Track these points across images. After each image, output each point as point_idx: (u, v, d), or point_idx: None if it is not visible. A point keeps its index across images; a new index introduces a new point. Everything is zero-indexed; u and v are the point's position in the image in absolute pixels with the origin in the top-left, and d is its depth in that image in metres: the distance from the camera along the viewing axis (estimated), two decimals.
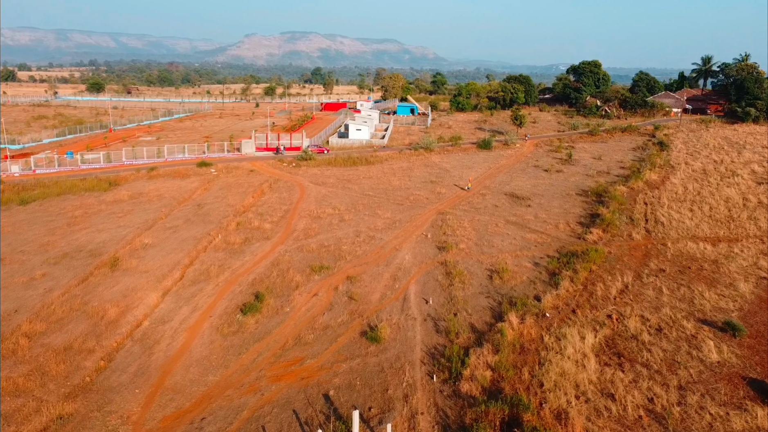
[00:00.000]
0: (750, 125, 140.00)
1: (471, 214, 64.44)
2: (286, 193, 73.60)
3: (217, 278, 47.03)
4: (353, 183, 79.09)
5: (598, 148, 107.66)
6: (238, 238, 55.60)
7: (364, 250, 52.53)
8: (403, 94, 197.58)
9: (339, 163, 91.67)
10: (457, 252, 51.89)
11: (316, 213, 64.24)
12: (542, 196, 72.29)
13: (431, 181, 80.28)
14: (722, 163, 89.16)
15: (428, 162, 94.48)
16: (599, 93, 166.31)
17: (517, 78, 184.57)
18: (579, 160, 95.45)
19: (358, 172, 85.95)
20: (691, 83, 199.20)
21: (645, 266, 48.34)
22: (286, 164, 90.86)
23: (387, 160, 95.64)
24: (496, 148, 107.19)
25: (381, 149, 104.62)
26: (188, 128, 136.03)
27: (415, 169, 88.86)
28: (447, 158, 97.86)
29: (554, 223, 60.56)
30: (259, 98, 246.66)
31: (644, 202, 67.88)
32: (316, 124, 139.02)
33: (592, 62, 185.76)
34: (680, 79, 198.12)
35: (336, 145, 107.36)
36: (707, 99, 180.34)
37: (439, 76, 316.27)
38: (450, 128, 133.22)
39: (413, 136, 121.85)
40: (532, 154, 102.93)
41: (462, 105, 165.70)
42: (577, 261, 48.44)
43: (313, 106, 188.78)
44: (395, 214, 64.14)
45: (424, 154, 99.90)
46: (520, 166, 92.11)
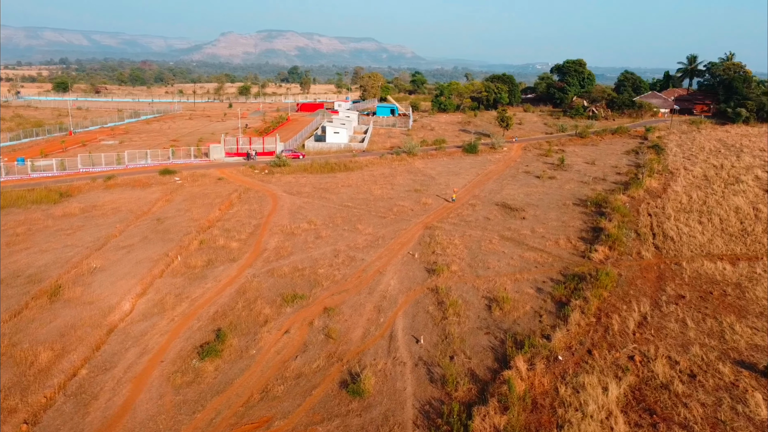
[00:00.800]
0: (741, 126, 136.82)
1: (461, 228, 58.71)
2: (257, 204, 67.20)
3: (172, 311, 40.63)
4: (331, 192, 72.96)
5: (590, 152, 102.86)
6: (200, 260, 49.18)
7: (343, 274, 46.47)
8: (383, 94, 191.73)
9: (315, 170, 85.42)
10: (449, 275, 46.07)
11: (290, 228, 58.00)
12: (537, 206, 66.85)
13: (416, 189, 74.45)
14: (723, 168, 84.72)
15: (411, 168, 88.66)
16: (585, 93, 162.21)
17: (500, 77, 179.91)
18: (572, 165, 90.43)
19: (337, 180, 79.82)
20: (675, 83, 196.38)
21: (661, 291, 42.99)
22: (258, 171, 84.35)
23: (367, 165, 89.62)
24: (483, 152, 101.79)
25: (361, 154, 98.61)
26: (155, 131, 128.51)
27: (397, 176, 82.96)
28: (431, 164, 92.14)
29: (554, 239, 55.06)
30: (233, 98, 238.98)
31: (648, 213, 62.80)
32: (292, 126, 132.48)
33: (577, 61, 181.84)
34: (665, 79, 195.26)
35: (312, 149, 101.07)
36: (693, 99, 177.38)
37: (418, 75, 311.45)
38: (433, 130, 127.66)
39: (394, 138, 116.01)
40: (521, 158, 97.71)
41: (444, 105, 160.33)
42: (586, 286, 42.93)
43: (289, 107, 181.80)
44: (378, 229, 58.17)
45: (406, 159, 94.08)
46: (510, 172, 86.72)
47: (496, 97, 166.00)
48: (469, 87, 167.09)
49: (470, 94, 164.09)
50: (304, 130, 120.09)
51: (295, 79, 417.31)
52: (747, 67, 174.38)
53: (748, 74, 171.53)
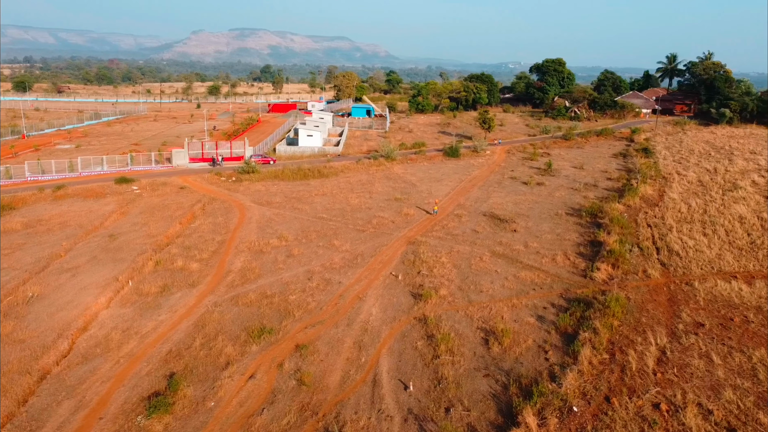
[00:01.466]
0: (725, 127, 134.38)
1: (448, 242, 53.66)
2: (222, 217, 61.36)
3: (118, 351, 34.86)
4: (304, 202, 67.40)
5: (577, 155, 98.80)
6: (154, 286, 43.36)
7: (318, 301, 41.05)
8: (358, 94, 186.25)
9: (287, 177, 79.70)
10: (438, 301, 40.95)
11: (258, 245, 52.36)
12: (528, 217, 62.12)
13: (396, 198, 69.26)
14: (717, 172, 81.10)
15: (390, 174, 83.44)
16: (566, 93, 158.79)
17: (479, 77, 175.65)
18: (560, 170, 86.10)
19: (310, 188, 74.25)
20: (653, 83, 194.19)
21: (677, 318, 38.40)
22: (225, 179, 78.31)
23: (343, 171, 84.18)
24: (465, 155, 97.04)
25: (336, 158, 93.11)
26: (116, 134, 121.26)
27: (376, 183, 77.67)
28: (411, 169, 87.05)
29: (550, 255, 50.28)
30: (202, 98, 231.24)
31: (647, 224, 58.48)
32: (262, 128, 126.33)
33: (556, 60, 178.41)
34: (645, 79, 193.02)
35: (284, 153, 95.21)
36: (674, 99, 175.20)
37: (393, 75, 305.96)
38: (411, 132, 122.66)
39: (371, 141, 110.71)
40: (505, 162, 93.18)
41: (422, 106, 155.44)
42: (594, 314, 38.11)
43: (260, 107, 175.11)
44: (356, 245, 52.83)
45: (385, 164, 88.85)
46: (495, 177, 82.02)
47: (475, 98, 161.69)
48: (447, 87, 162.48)
49: (448, 94, 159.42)
50: (276, 132, 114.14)
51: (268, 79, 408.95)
52: (727, 67, 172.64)
53: (728, 74, 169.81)
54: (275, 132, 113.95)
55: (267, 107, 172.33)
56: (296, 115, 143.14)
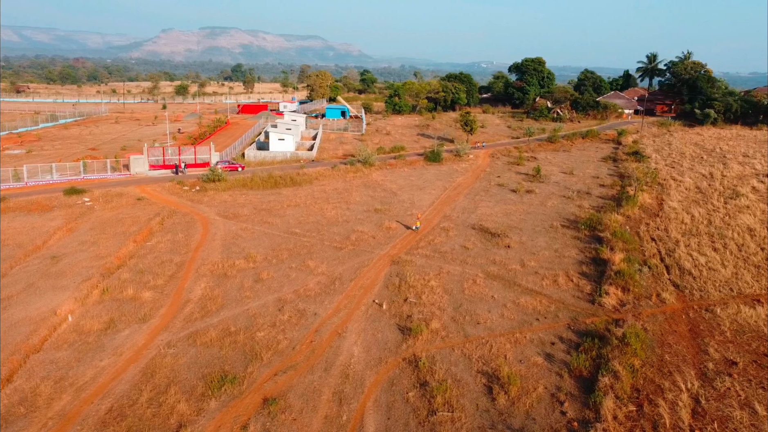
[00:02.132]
0: (711, 128, 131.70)
1: (436, 261, 48.36)
2: (183, 233, 55.23)
3: (47, 409, 28.88)
4: (275, 214, 61.54)
5: (564, 160, 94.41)
6: (98, 321, 37.30)
7: (290, 339, 35.38)
8: (332, 94, 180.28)
9: (257, 185, 73.66)
10: (430, 337, 35.59)
11: (222, 267, 46.45)
12: (521, 230, 57.14)
13: (376, 209, 63.78)
14: (714, 178, 77.28)
15: (369, 181, 77.91)
16: (548, 93, 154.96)
17: (457, 76, 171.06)
18: (548, 175, 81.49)
19: (282, 198, 68.38)
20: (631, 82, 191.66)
21: (704, 354, 33.61)
22: (188, 188, 72.00)
23: (318, 178, 78.41)
24: (447, 160, 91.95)
25: (309, 164, 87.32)
26: (73, 137, 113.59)
27: (353, 191, 72.09)
28: (391, 175, 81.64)
29: (551, 276, 45.27)
30: (169, 98, 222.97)
31: (651, 238, 53.94)
32: (231, 131, 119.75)
33: (536, 60, 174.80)
34: (625, 78, 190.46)
35: (254, 159, 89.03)
36: (655, 99, 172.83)
37: (368, 74, 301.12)
38: (389, 135, 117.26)
39: (347, 145, 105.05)
40: (490, 167, 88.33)
41: (399, 107, 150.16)
42: (611, 352, 33.08)
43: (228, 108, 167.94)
44: (333, 265, 47.24)
45: (362, 170, 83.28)
46: (481, 184, 77.02)
47: (453, 98, 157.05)
48: (425, 87, 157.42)
49: (426, 95, 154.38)
50: (245, 135, 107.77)
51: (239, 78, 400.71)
52: (708, 66, 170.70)
53: (709, 73, 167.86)
54: (244, 135, 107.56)
55: (236, 108, 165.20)
56: (267, 117, 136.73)
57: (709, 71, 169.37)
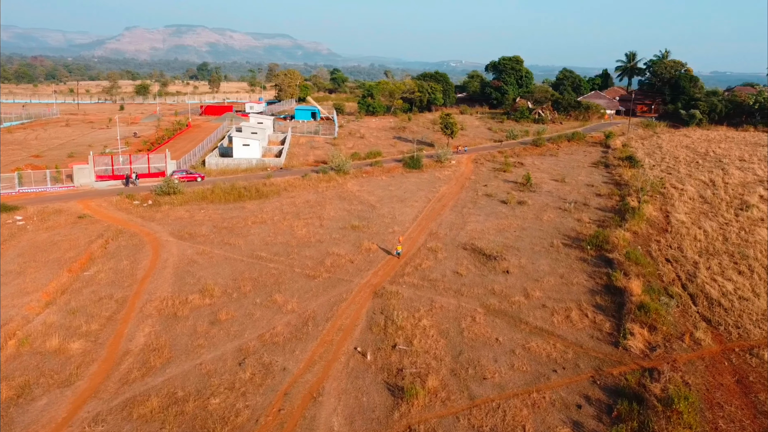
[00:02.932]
0: (696, 130, 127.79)
1: (426, 292, 41.63)
2: (129, 259, 47.55)
3: None
4: (238, 234, 54.16)
5: (552, 165, 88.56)
6: (8, 386, 29.80)
7: (252, 408, 28.28)
8: (302, 94, 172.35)
9: (218, 198, 66.05)
10: (428, 401, 28.81)
11: (172, 305, 39.06)
12: (518, 250, 50.74)
13: (353, 226, 56.80)
14: (716, 185, 72.18)
15: (344, 192, 70.83)
16: (527, 93, 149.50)
17: (433, 75, 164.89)
18: (539, 184, 75.42)
19: (246, 213, 60.95)
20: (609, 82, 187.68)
21: (764, 417, 27.40)
22: (139, 202, 64.05)
23: (287, 189, 71.07)
24: (428, 166, 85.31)
25: (277, 172, 79.90)
26: (16, 142, 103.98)
27: (327, 204, 64.97)
28: (368, 185, 74.66)
29: (562, 310, 38.88)
30: (129, 98, 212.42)
31: (666, 259, 48.05)
32: (192, 135, 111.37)
33: (514, 58, 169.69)
34: (604, 78, 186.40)
35: (215, 167, 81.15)
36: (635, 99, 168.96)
37: (338, 73, 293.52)
38: (363, 138, 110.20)
39: (318, 150, 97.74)
40: (475, 174, 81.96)
41: (373, 108, 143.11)
42: (656, 422, 26.66)
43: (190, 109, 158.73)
44: (306, 300, 40.21)
45: (336, 179, 76.15)
46: (468, 195, 70.56)
47: (429, 98, 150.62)
48: (400, 87, 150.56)
49: (401, 95, 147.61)
50: (207, 140, 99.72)
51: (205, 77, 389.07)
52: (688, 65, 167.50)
53: (689, 72, 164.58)
54: (206, 139, 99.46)
55: (199, 109, 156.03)
56: (232, 119, 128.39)
57: (690, 70, 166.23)
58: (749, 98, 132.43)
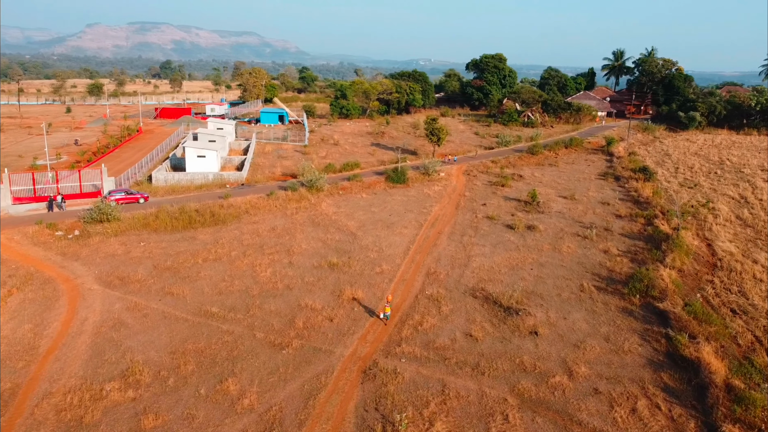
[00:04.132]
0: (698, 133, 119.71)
1: (434, 370, 31.02)
2: (33, 320, 35.99)
3: None
4: (184, 277, 42.84)
5: (555, 177, 78.63)
6: None
7: None
8: (268, 95, 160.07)
9: (163, 225, 54.49)
10: None
11: (79, 402, 27.87)
12: (542, 297, 40.39)
13: (330, 263, 45.91)
14: (749, 203, 63.05)
15: (317, 215, 59.73)
16: (513, 94, 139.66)
17: (411, 74, 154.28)
18: (547, 203, 65.26)
19: (197, 246, 49.56)
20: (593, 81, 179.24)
21: None
22: (63, 233, 52.06)
23: (249, 212, 59.72)
24: (414, 180, 74.55)
25: (238, 189, 68.46)
26: None
27: (297, 232, 53.87)
28: (346, 205, 63.68)
29: (623, 399, 28.60)
30: (80, 99, 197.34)
31: (731, 310, 38.10)
32: (143, 142, 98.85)
33: (496, 56, 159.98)
34: (590, 76, 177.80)
35: (164, 184, 69.23)
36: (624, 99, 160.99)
37: (307, 72, 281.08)
38: (337, 145, 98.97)
39: (287, 160, 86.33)
40: (469, 190, 71.57)
41: (347, 110, 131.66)
42: None
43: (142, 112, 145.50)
44: (269, 387, 29.33)
45: (308, 197, 65.03)
46: (465, 217, 60.09)
47: (408, 99, 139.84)
48: (375, 86, 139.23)
49: (377, 96, 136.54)
50: (159, 149, 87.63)
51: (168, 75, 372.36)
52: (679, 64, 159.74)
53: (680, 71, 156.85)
54: (158, 148, 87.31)
55: (154, 112, 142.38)
56: (189, 122, 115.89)
57: (681, 69, 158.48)
58: (750, 99, 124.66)
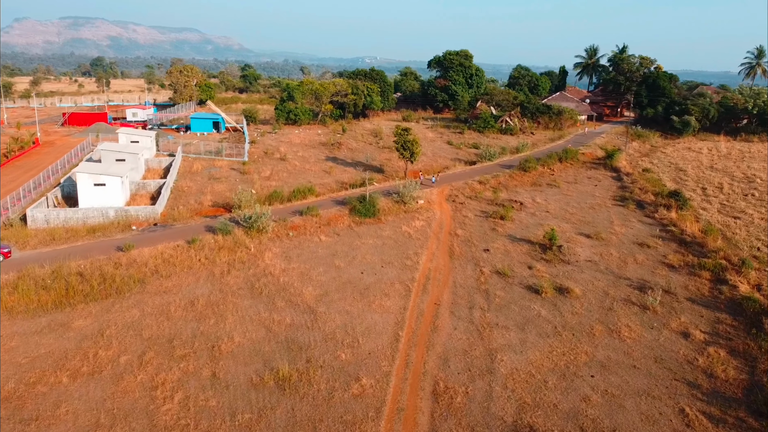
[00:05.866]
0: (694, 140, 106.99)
1: None
2: None
3: None
4: (36, 420, 25.06)
5: (562, 204, 63.23)
6: None
7: None
8: (204, 96, 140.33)
9: (23, 304, 36.30)
10: None
11: None
12: None
13: (279, 379, 29.03)
14: None
15: (259, 275, 42.30)
16: (485, 96, 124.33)
17: (368, 74, 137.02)
18: (570, 246, 49.28)
19: (67, 346, 31.81)
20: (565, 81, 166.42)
21: None
22: None
23: (158, 273, 41.82)
24: (388, 211, 57.72)
25: (149, 230, 50.41)
26: None
27: (228, 311, 36.48)
28: (299, 256, 46.40)
29: None
30: None
31: None
32: (36, 159, 78.68)
33: (462, 53, 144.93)
34: (561, 75, 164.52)
35: (45, 225, 50.47)
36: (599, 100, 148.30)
37: (250, 69, 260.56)
38: (285, 160, 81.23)
39: (220, 182, 68.38)
40: (459, 224, 55.34)
41: (295, 115, 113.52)
42: None
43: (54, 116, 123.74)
44: None
45: (245, 243, 47.46)
46: (467, 273, 43.76)
47: (366, 101, 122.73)
48: (328, 87, 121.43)
49: (331, 97, 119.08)
50: (51, 169, 68.30)
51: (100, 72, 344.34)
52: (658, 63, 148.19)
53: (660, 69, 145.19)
54: (50, 168, 67.97)
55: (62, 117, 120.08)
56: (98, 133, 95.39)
57: (660, 67, 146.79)
58: (746, 101, 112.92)
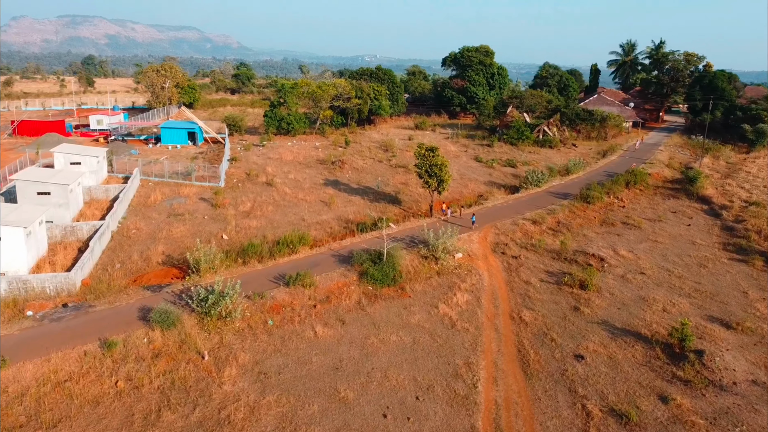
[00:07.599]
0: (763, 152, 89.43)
1: None
2: None
3: None
4: None
5: (658, 259, 45.65)
6: None
7: None
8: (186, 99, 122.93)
9: None
10: None
11: None
12: None
13: None
14: None
15: (210, 425, 24.87)
16: (516, 99, 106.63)
17: (375, 74, 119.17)
18: (708, 348, 31.84)
19: None
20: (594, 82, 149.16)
21: None
22: None
23: (35, 423, 24.45)
24: (413, 275, 40.18)
25: (49, 319, 33.06)
26: None
27: None
28: (280, 375, 28.94)
29: None
30: None
31: None
32: None
33: (481, 49, 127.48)
34: (594, 75, 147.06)
35: None
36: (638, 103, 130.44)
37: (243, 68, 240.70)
38: (272, 186, 63.73)
39: (183, 221, 50.98)
40: (520, 297, 37.88)
41: (288, 123, 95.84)
42: None
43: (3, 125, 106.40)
44: None
45: (198, 343, 30.03)
46: (564, 415, 26.34)
47: (372, 106, 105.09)
48: (327, 89, 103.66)
49: (331, 101, 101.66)
50: None
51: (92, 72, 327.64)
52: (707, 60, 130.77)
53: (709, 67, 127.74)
54: None
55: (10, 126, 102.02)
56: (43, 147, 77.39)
57: (710, 65, 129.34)
58: None
